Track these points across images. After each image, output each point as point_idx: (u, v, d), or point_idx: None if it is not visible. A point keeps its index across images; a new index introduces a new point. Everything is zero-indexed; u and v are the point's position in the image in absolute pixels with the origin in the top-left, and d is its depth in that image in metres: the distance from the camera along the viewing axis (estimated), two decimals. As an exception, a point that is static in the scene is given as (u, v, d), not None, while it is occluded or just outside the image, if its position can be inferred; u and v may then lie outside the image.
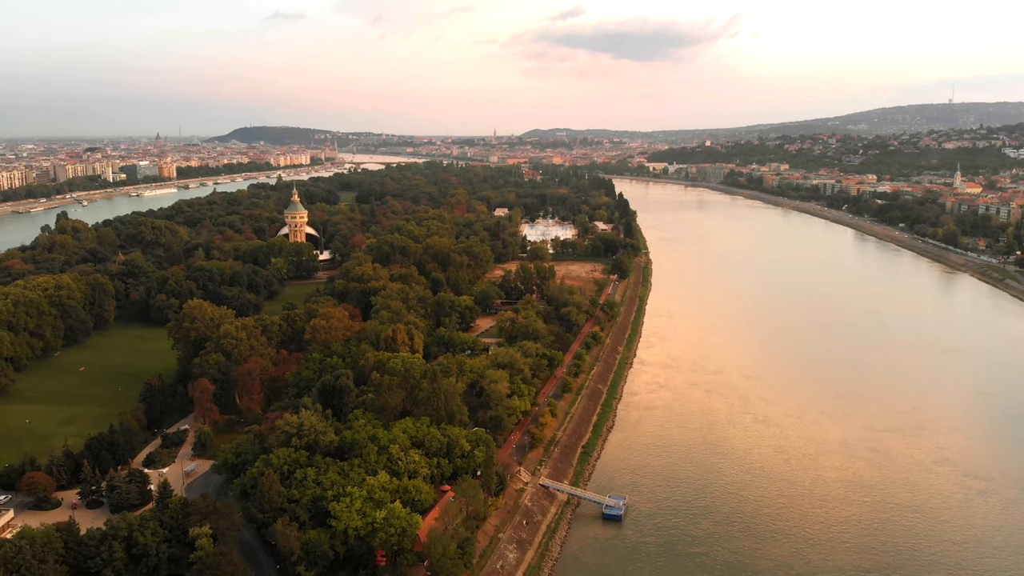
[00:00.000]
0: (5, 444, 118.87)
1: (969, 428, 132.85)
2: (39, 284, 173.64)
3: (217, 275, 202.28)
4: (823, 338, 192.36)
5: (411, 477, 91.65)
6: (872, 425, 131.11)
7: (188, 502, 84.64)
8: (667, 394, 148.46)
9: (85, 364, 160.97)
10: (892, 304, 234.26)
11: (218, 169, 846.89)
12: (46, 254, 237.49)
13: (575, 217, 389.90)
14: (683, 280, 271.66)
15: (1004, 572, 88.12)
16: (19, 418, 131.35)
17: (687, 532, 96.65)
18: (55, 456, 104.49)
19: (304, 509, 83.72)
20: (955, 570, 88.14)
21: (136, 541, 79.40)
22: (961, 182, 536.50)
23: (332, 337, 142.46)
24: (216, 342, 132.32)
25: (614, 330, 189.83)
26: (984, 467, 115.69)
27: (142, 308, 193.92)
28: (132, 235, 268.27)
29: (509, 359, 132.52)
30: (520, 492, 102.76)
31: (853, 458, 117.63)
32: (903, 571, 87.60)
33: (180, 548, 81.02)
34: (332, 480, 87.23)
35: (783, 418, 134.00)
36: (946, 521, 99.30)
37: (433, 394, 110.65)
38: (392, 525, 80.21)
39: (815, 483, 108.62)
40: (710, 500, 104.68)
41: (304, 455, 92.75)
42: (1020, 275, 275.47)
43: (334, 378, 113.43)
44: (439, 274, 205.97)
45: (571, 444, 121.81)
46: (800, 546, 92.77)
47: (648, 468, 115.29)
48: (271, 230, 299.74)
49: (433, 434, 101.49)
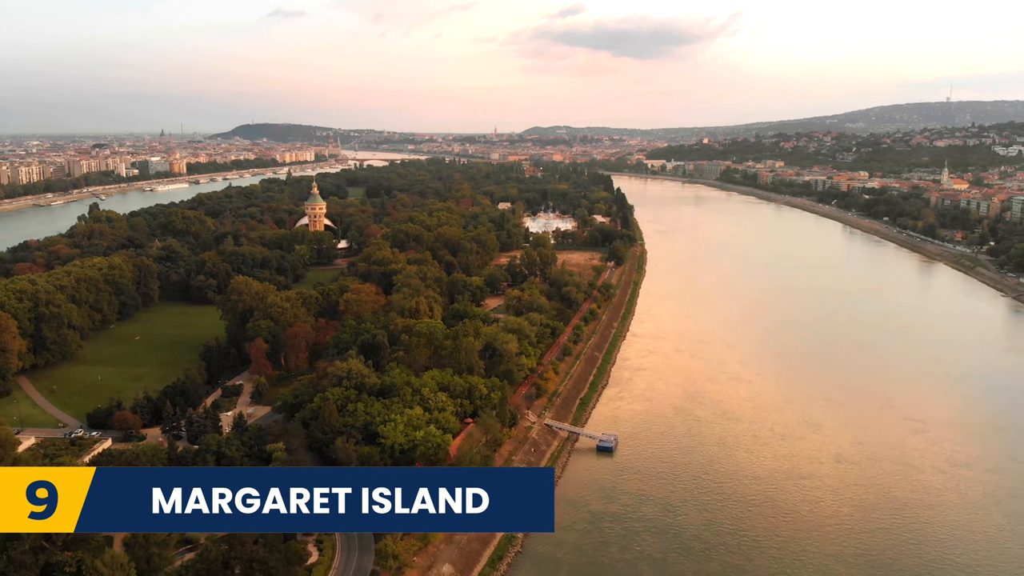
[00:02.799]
0: (87, 395, 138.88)
1: (910, 380, 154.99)
2: (95, 264, 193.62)
3: (249, 259, 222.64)
4: (800, 314, 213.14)
5: (440, 412, 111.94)
6: (831, 381, 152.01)
7: (263, 427, 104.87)
8: (656, 359, 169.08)
9: (139, 334, 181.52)
10: (865, 287, 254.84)
11: (226, 165, 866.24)
12: (86, 241, 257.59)
13: (575, 211, 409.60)
14: (675, 267, 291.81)
15: (937, 490, 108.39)
16: (92, 376, 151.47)
17: (667, 459, 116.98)
18: (138, 399, 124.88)
19: (358, 431, 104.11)
20: (905, 491, 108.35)
21: (224, 454, 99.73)
22: (948, 178, 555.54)
23: (362, 308, 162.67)
24: (264, 311, 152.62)
25: (610, 308, 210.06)
26: (920, 410, 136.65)
27: (182, 288, 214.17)
28: (163, 224, 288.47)
29: (517, 326, 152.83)
30: (528, 429, 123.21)
31: (811, 406, 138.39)
32: (829, 477, 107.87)
33: (258, 461, 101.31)
34: (378, 411, 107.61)
35: (755, 376, 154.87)
36: (883, 442, 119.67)
37: (455, 350, 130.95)
38: (429, 442, 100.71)
39: (775, 423, 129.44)
40: (688, 438, 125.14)
41: (353, 393, 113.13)
42: (990, 263, 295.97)
43: (371, 337, 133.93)
44: (451, 259, 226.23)
45: (571, 396, 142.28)
46: (755, 458, 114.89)
47: (637, 414, 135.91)
48: (290, 221, 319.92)
49: (456, 381, 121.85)
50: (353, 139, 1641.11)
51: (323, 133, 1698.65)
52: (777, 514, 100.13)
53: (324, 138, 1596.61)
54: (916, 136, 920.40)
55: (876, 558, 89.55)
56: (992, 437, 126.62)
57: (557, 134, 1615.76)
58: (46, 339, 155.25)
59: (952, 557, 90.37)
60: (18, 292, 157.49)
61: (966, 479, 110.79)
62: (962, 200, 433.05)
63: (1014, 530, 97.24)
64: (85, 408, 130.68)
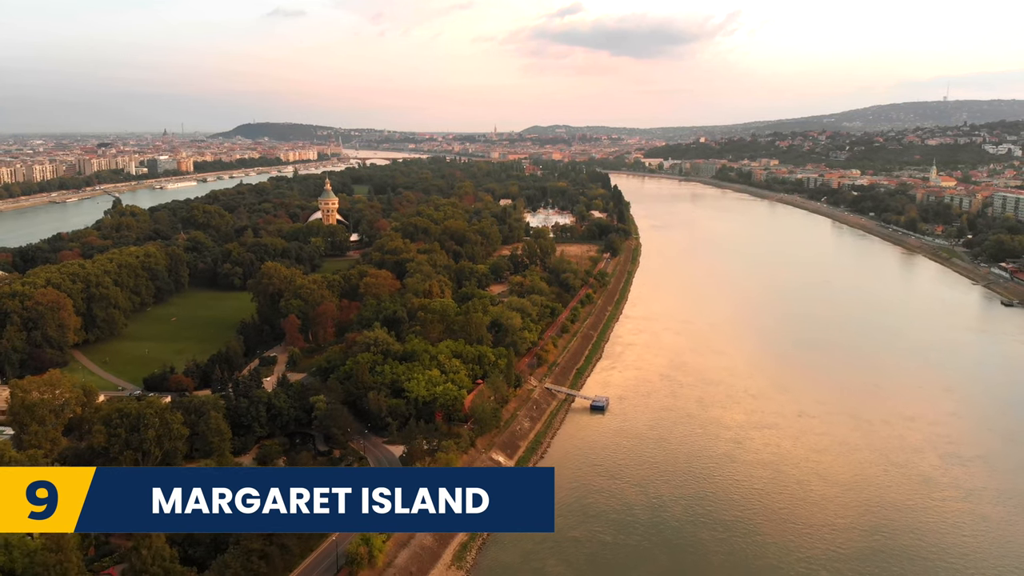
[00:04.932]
0: (137, 365, 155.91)
1: (873, 352, 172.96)
2: (132, 252, 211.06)
3: (270, 249, 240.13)
4: (781, 298, 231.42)
5: (454, 374, 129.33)
6: (803, 355, 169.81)
7: (305, 383, 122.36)
8: (646, 336, 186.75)
9: (174, 316, 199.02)
10: (844, 275, 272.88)
11: (232, 164, 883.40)
12: (115, 233, 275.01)
13: (573, 207, 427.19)
14: (668, 259, 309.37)
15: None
16: (139, 350, 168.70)
17: (652, 415, 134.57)
18: (189, 365, 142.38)
19: (386, 387, 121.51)
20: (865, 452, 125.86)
21: (274, 405, 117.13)
22: (937, 176, 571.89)
23: (380, 291, 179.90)
24: (294, 292, 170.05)
25: (605, 294, 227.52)
26: (879, 376, 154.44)
27: (209, 276, 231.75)
28: (184, 218, 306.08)
29: (520, 305, 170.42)
30: (531, 391, 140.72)
31: (782, 373, 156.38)
32: (790, 427, 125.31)
33: (302, 412, 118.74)
34: (402, 371, 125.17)
35: (735, 351, 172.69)
36: (841, 400, 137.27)
37: (466, 324, 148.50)
38: (447, 395, 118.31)
39: (749, 386, 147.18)
40: (671, 398, 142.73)
41: (380, 358, 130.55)
42: (965, 254, 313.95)
43: (392, 312, 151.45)
44: (458, 248, 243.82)
45: (568, 366, 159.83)
46: (728, 413, 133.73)
47: (627, 380, 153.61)
48: (302, 216, 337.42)
49: (468, 349, 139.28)
50: (354, 138, 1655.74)
51: (324, 132, 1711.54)
52: (744, 454, 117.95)
53: (325, 137, 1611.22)
54: (908, 135, 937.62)
55: (822, 484, 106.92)
56: (939, 397, 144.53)
57: (556, 133, 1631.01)
58: (96, 317, 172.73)
59: (887, 489, 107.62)
60: (71, 275, 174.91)
61: (910, 429, 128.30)
62: (946, 196, 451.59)
63: (947, 470, 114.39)
64: (138, 376, 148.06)
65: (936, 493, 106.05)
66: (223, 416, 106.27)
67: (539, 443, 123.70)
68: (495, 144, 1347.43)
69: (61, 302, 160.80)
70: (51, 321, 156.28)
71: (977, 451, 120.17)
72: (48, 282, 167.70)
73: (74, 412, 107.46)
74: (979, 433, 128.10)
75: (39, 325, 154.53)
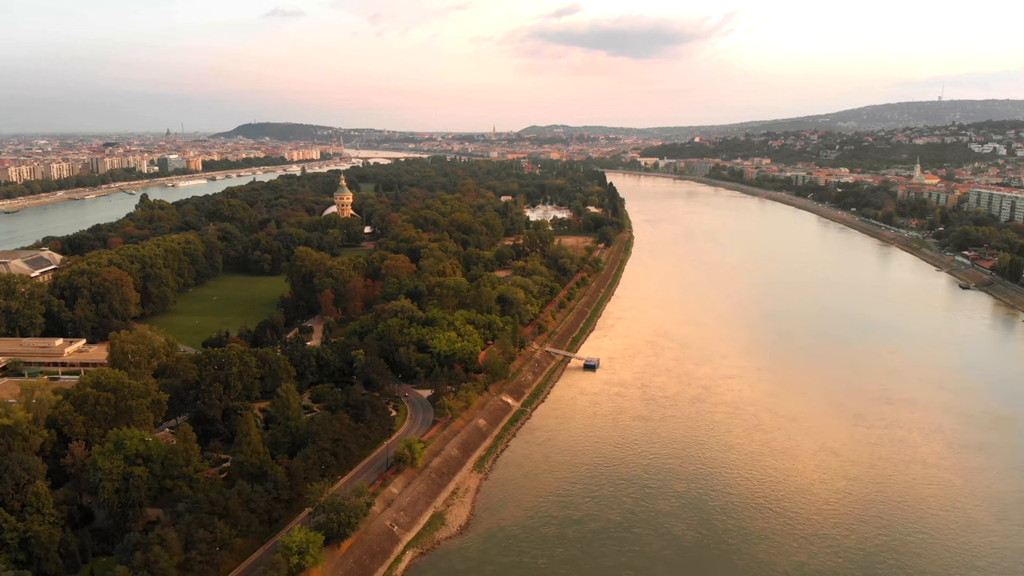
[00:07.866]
0: (192, 333, 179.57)
1: (834, 324, 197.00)
2: (174, 239, 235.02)
3: (295, 238, 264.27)
4: (759, 279, 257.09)
5: (469, 336, 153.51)
6: (772, 325, 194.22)
7: (346, 341, 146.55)
8: (634, 312, 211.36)
9: (214, 295, 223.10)
10: (819, 262, 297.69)
11: (238, 163, 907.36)
12: (148, 224, 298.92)
13: (571, 203, 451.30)
14: (658, 250, 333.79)
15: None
16: (189, 322, 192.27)
17: (637, 372, 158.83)
18: (242, 329, 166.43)
19: (413, 344, 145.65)
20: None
21: (322, 356, 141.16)
22: (920, 174, 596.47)
23: (400, 272, 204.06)
24: (326, 271, 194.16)
25: (598, 278, 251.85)
26: (833, 338, 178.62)
27: (240, 262, 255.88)
28: (211, 211, 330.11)
29: (523, 283, 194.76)
30: (533, 353, 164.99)
31: (753, 340, 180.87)
32: (750, 379, 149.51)
33: (344, 363, 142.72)
34: (426, 332, 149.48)
35: (712, 322, 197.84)
36: (799, 357, 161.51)
37: (477, 297, 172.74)
38: (464, 350, 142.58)
39: (720, 348, 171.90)
40: (653, 357, 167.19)
41: (406, 322, 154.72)
42: (934, 244, 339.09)
43: (412, 287, 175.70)
44: (465, 237, 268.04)
45: (565, 335, 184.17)
46: (700, 367, 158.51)
47: (616, 345, 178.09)
48: (317, 210, 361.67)
49: (479, 318, 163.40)
50: (354, 138, 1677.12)
51: (324, 132, 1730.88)
52: (710, 396, 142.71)
53: (326, 137, 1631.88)
54: (897, 134, 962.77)
55: (771, 417, 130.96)
56: (885, 356, 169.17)
57: (554, 133, 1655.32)
58: (151, 294, 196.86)
59: (828, 418, 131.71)
60: (130, 257, 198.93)
61: (854, 380, 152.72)
62: (924, 192, 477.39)
63: (876, 409, 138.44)
64: (195, 341, 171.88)
65: (865, 426, 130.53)
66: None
67: (540, 391, 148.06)
68: (494, 144, 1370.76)
69: (124, 279, 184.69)
70: (116, 295, 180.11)
71: (904, 395, 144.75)
72: (111, 262, 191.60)
73: (160, 360, 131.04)
74: (910, 381, 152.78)
75: (106, 298, 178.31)
